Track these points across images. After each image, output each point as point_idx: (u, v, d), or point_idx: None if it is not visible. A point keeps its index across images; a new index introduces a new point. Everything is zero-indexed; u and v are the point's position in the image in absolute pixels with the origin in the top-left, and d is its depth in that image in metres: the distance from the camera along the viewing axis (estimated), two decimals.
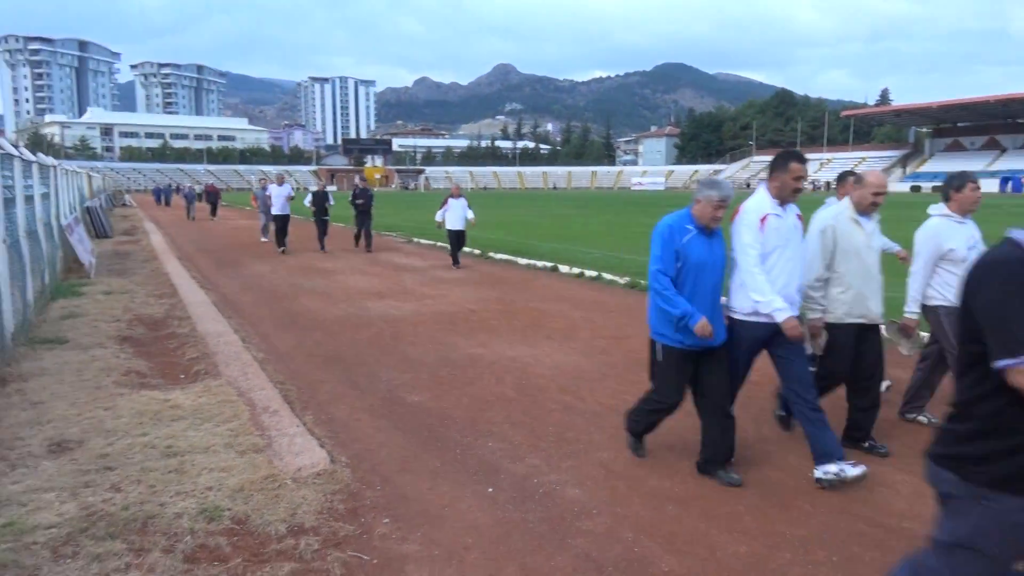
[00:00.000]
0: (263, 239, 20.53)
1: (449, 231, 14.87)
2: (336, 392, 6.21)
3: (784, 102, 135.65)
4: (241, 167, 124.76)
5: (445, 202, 14.86)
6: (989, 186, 78.14)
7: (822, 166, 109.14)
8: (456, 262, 14.67)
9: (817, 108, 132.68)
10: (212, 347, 7.63)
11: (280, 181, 18.93)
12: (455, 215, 14.80)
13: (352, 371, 6.88)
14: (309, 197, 18.27)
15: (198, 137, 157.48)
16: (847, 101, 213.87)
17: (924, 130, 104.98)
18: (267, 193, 19.67)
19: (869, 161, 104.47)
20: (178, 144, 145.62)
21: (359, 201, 18.16)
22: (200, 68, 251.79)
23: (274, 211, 18.27)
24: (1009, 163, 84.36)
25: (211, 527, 3.68)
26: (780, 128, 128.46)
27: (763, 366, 4.72)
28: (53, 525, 3.61)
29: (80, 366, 6.67)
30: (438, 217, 15.05)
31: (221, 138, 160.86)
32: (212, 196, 35.28)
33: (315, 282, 12.78)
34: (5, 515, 3.71)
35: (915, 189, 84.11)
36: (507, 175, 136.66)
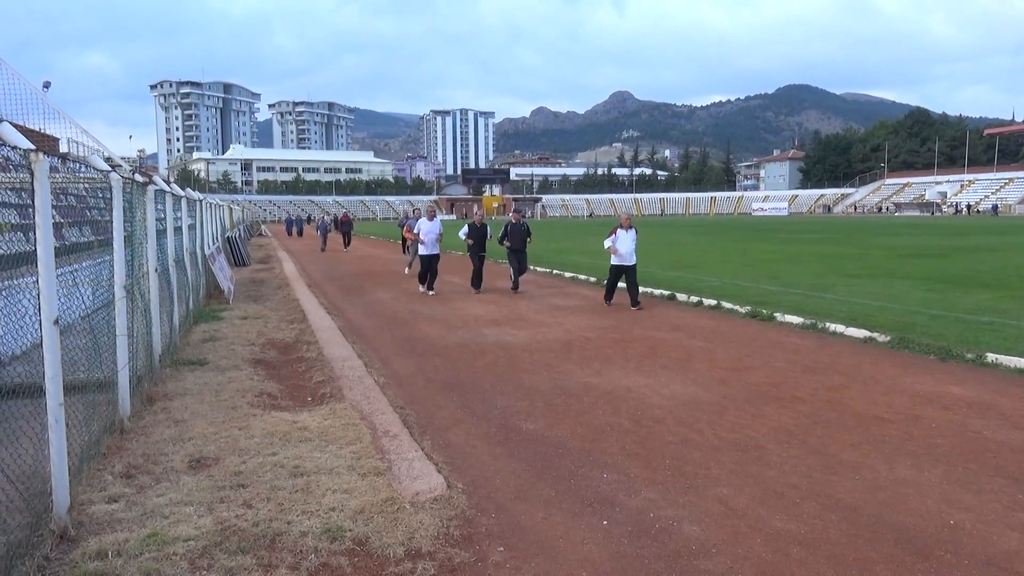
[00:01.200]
0: (408, 270, 19.08)
1: (614, 267, 12.89)
2: (453, 418, 6.32)
3: (919, 121, 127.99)
4: (367, 198, 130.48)
5: (614, 231, 12.83)
6: None
7: (963, 188, 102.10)
8: (635, 302, 12.50)
9: (956, 127, 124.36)
10: (337, 371, 7.95)
11: (431, 215, 15.64)
12: (625, 249, 12.75)
13: (469, 397, 6.98)
14: (465, 229, 15.24)
15: (328, 170, 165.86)
16: (991, 118, 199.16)
17: None
18: (416, 231, 15.96)
19: (1017, 182, 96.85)
20: (309, 177, 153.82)
21: (507, 242, 15.08)
22: (330, 105, 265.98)
23: (423, 252, 15.14)
24: None
25: (333, 547, 3.80)
26: (915, 149, 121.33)
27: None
28: (191, 538, 3.84)
29: (218, 387, 7.12)
30: (607, 244, 12.87)
31: (349, 170, 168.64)
32: (346, 226, 33.82)
33: (434, 309, 13.10)
34: (149, 526, 3.98)
35: None
36: (623, 202, 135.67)
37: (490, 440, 5.68)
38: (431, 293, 15.09)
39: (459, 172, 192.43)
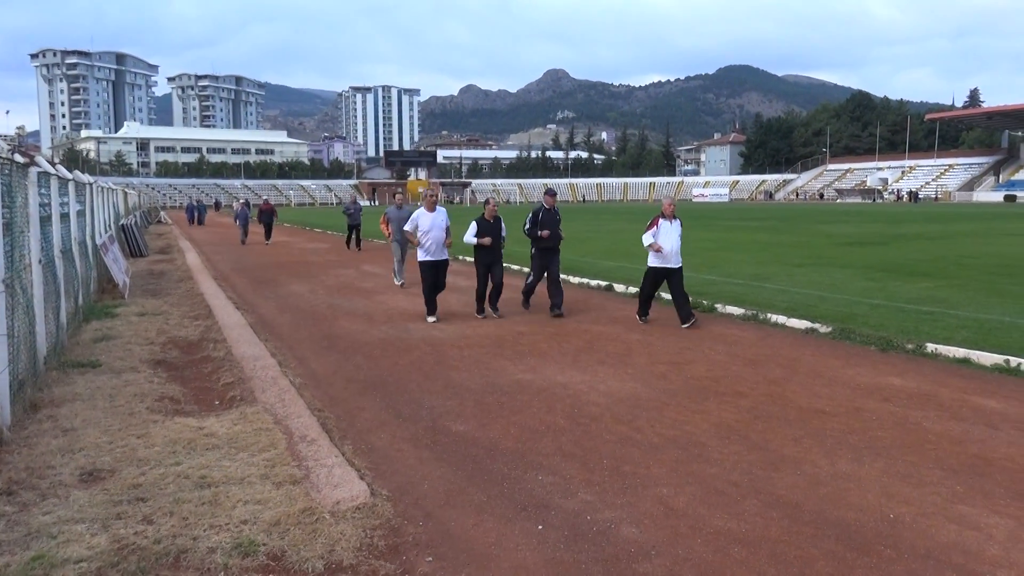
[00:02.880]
0: (397, 281, 15.35)
1: (653, 270, 10.49)
2: (377, 420, 6.27)
3: (861, 105, 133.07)
4: (280, 182, 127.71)
5: (654, 223, 10.43)
6: None
7: (904, 174, 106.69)
8: (688, 316, 10.20)
9: (898, 111, 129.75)
10: (248, 372, 7.79)
11: (432, 202, 11.28)
12: (670, 245, 10.29)
13: (394, 398, 6.95)
14: (473, 229, 10.92)
15: (236, 151, 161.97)
16: (932, 103, 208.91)
17: (1019, 134, 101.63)
18: (412, 227, 11.35)
19: (956, 169, 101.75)
20: (215, 158, 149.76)
21: (543, 237, 11.25)
22: (238, 80, 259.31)
23: (425, 257, 10.98)
24: None
25: (245, 563, 3.74)
26: (857, 134, 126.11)
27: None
28: (83, 559, 3.72)
29: (113, 391, 6.88)
30: (647, 240, 10.44)
31: (259, 152, 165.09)
32: (267, 216, 30.00)
33: (355, 303, 12.96)
34: (35, 547, 3.83)
35: (1009, 199, 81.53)
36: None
37: (417, 443, 5.67)
38: (432, 320, 10.92)
39: (381, 154, 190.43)
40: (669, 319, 10.66)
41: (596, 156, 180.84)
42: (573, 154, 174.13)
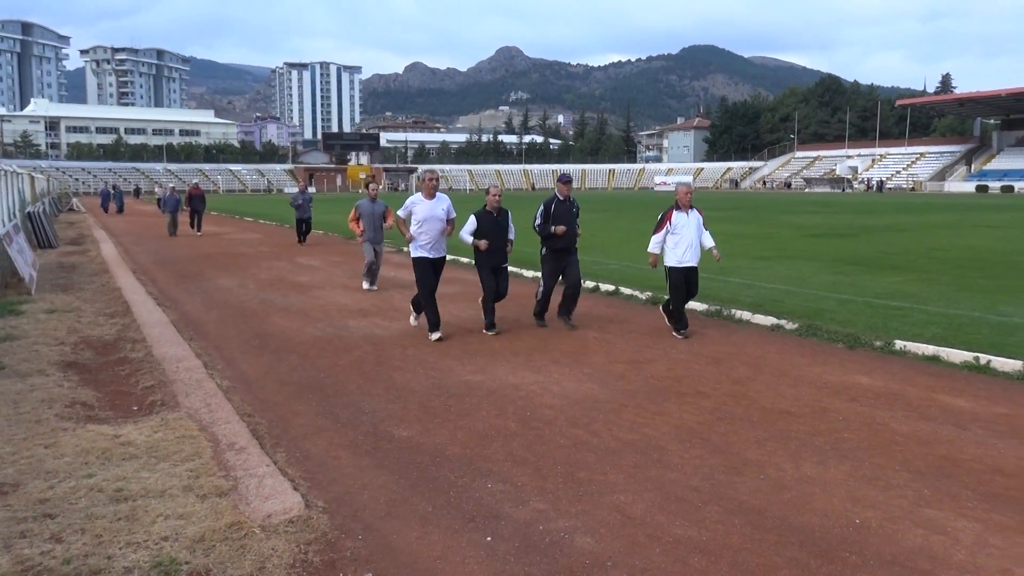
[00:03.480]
0: (367, 285, 14.03)
1: (673, 269, 9.48)
2: (313, 426, 6.22)
3: (830, 89, 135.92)
4: (207, 166, 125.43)
5: (666, 218, 9.51)
6: None
7: (874, 163, 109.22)
8: (681, 327, 9.51)
9: (868, 96, 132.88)
10: (170, 374, 7.66)
11: (431, 188, 9.69)
12: (689, 240, 9.47)
13: (331, 401, 6.89)
14: (472, 224, 9.69)
15: (157, 132, 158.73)
16: (903, 88, 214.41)
17: (992, 122, 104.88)
18: (406, 213, 9.88)
19: (928, 157, 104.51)
20: (134, 140, 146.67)
21: (557, 234, 9.87)
22: (160, 53, 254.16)
23: (423, 253, 9.55)
24: None
25: None
26: (826, 119, 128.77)
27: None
28: None
29: (17, 397, 6.70)
30: (654, 247, 9.63)
31: (184, 133, 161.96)
32: (197, 202, 28.32)
33: (289, 298, 12.82)
34: None
35: (981, 189, 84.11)
36: (512, 174, 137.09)
37: (357, 450, 5.64)
38: (436, 336, 9.40)
39: (319, 137, 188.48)
40: (629, 316, 10.77)
41: (552, 141, 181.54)
42: (527, 138, 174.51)
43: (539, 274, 10.76)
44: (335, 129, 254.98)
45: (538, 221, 9.93)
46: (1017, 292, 12.14)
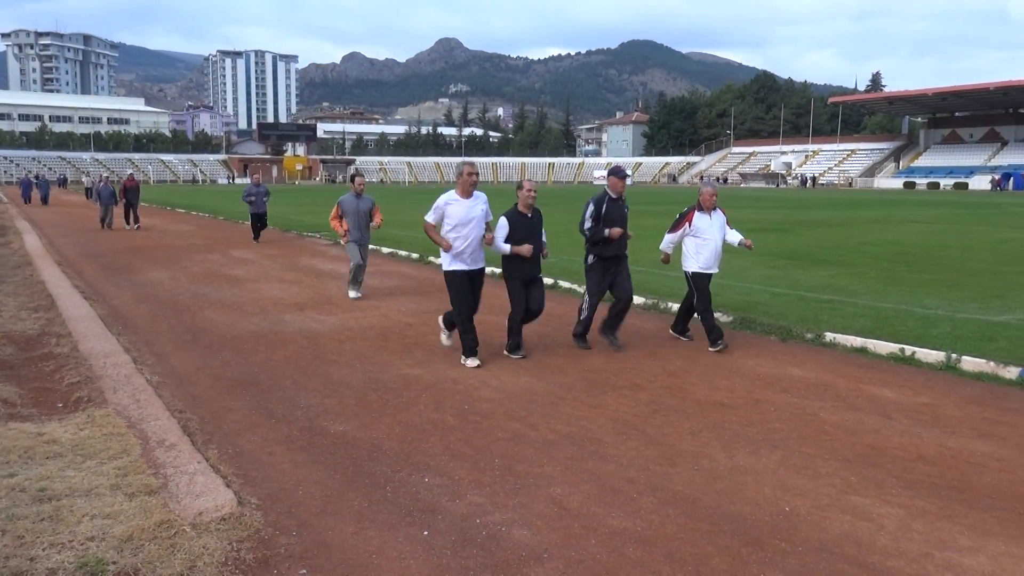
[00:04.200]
0: (353, 294, 12.14)
1: (698, 275, 8.74)
2: (246, 421, 6.13)
3: (765, 86, 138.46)
4: (137, 155, 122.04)
5: (688, 218, 8.77)
6: (981, 184, 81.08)
7: (808, 159, 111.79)
8: (718, 336, 8.50)
9: (802, 94, 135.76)
10: (97, 370, 7.46)
11: (469, 185, 8.10)
12: (714, 246, 8.74)
13: (265, 396, 6.80)
14: (503, 227, 8.36)
15: (84, 120, 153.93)
16: (835, 86, 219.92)
17: (919, 120, 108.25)
18: (438, 217, 8.32)
19: (859, 154, 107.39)
20: (59, 128, 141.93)
21: (612, 238, 8.63)
22: (87, 39, 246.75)
23: (457, 266, 8.15)
24: (1010, 158, 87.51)
25: None
26: (761, 116, 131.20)
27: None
28: None
29: None
30: (666, 246, 9.12)
31: (112, 121, 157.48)
32: (131, 194, 26.31)
33: (223, 292, 12.59)
34: None
35: (909, 185, 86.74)
36: (451, 167, 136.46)
37: (291, 445, 5.58)
38: (474, 364, 7.90)
39: (254, 127, 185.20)
40: (567, 310, 10.84)
41: (492, 134, 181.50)
42: (467, 131, 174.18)
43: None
44: (271, 119, 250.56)
45: (587, 223, 8.61)
46: (940, 286, 12.58)
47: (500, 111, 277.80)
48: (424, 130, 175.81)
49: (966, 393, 6.95)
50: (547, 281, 13.05)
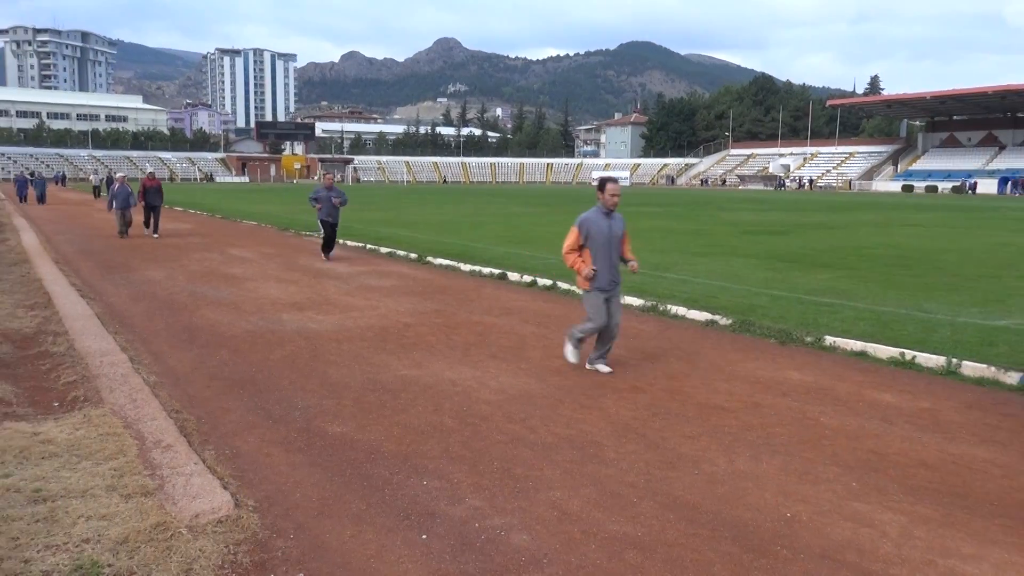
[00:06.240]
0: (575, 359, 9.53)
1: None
2: (243, 422, 6.09)
3: (763, 88, 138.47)
4: (135, 153, 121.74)
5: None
6: (987, 187, 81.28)
7: (806, 161, 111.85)
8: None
9: (800, 96, 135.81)
10: (94, 369, 7.41)
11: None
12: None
13: (263, 397, 6.76)
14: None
15: (82, 117, 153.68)
16: (833, 89, 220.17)
17: (917, 123, 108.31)
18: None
19: (857, 157, 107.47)
20: (57, 125, 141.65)
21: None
22: (85, 36, 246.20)
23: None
24: (1008, 162, 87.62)
25: None
26: (759, 118, 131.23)
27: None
28: None
29: None
30: None
31: (110, 118, 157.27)
32: (153, 195, 22.70)
33: (220, 291, 12.55)
34: None
35: (907, 188, 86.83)
36: (450, 167, 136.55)
37: (289, 447, 5.54)
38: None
39: (252, 125, 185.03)
40: (566, 312, 10.81)
41: (491, 134, 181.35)
42: (466, 131, 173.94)
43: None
44: (269, 118, 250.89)
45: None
46: (940, 290, 12.56)
47: (499, 111, 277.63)
48: (422, 130, 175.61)
49: (967, 398, 6.93)
50: (546, 282, 13.06)
